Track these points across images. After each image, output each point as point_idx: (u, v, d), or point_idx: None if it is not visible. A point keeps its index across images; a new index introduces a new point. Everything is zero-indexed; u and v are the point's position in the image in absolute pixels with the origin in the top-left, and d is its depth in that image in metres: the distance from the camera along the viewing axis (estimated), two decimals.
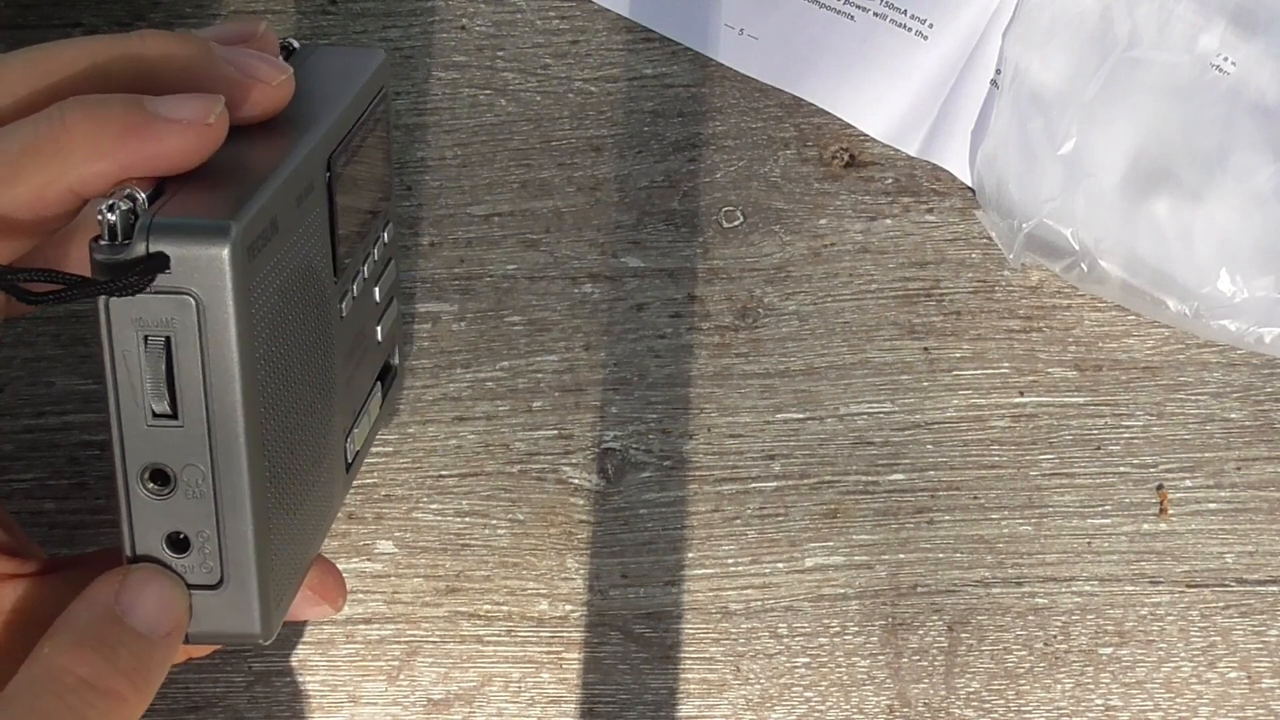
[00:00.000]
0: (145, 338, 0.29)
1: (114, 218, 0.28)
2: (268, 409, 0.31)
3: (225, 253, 0.28)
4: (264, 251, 0.30)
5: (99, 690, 0.29)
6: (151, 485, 0.30)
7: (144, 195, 0.29)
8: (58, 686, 0.29)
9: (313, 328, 0.33)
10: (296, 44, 0.37)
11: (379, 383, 0.41)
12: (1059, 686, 0.48)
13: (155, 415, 0.29)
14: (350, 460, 0.38)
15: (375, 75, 0.38)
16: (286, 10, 0.49)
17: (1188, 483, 0.48)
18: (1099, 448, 0.48)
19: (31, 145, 0.29)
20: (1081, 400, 0.49)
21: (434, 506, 0.48)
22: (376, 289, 0.40)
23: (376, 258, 0.40)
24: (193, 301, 0.28)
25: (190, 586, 0.31)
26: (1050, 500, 0.48)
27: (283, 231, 0.31)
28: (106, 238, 0.28)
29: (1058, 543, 0.48)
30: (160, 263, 0.28)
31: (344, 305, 0.36)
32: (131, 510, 0.30)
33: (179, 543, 0.31)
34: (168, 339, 0.29)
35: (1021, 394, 0.49)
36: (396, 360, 0.43)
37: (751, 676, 0.48)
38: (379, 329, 0.40)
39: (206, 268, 0.28)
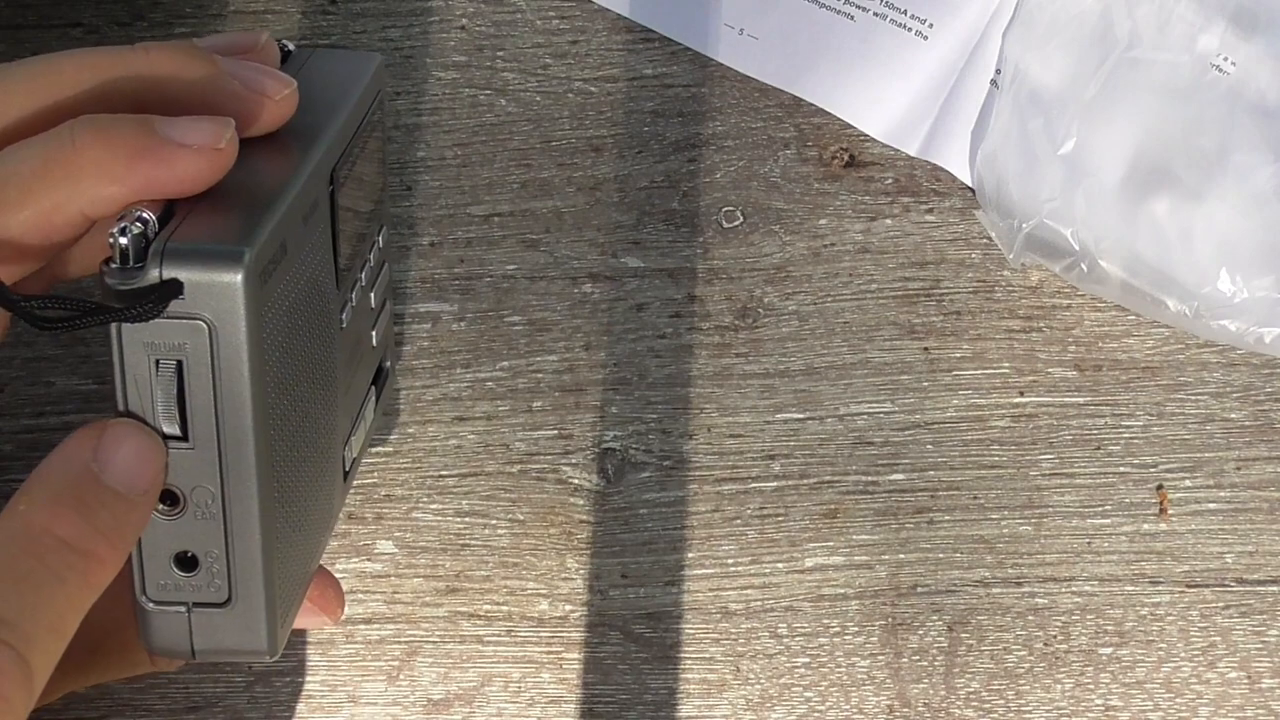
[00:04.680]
0: (157, 361, 0.29)
1: (126, 241, 0.28)
2: (276, 429, 0.31)
3: (239, 279, 0.28)
4: (275, 275, 0.30)
5: (77, 551, 0.28)
6: (161, 505, 0.30)
7: (154, 218, 0.28)
8: (36, 546, 0.28)
9: (318, 343, 0.33)
10: (292, 46, 0.37)
11: (373, 386, 0.41)
12: (1059, 686, 0.48)
13: (165, 437, 0.30)
14: (348, 468, 0.38)
15: (372, 81, 0.38)
16: (287, 10, 0.49)
17: (1188, 483, 0.48)
18: (1099, 448, 0.48)
19: (41, 168, 0.29)
20: (1081, 400, 0.49)
21: (434, 506, 0.48)
22: (372, 294, 0.40)
23: (373, 262, 0.40)
24: (205, 326, 0.28)
25: (197, 605, 0.31)
26: (1050, 500, 0.48)
27: (291, 252, 0.31)
28: (118, 261, 0.28)
29: (1058, 543, 0.48)
30: (174, 289, 0.28)
31: (345, 315, 0.36)
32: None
33: (187, 562, 0.31)
34: (179, 362, 0.29)
35: (1021, 394, 0.49)
36: (389, 363, 0.43)
37: (751, 676, 0.48)
38: (374, 333, 0.40)
39: (220, 293, 0.28)
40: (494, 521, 0.48)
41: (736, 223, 0.49)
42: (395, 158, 0.49)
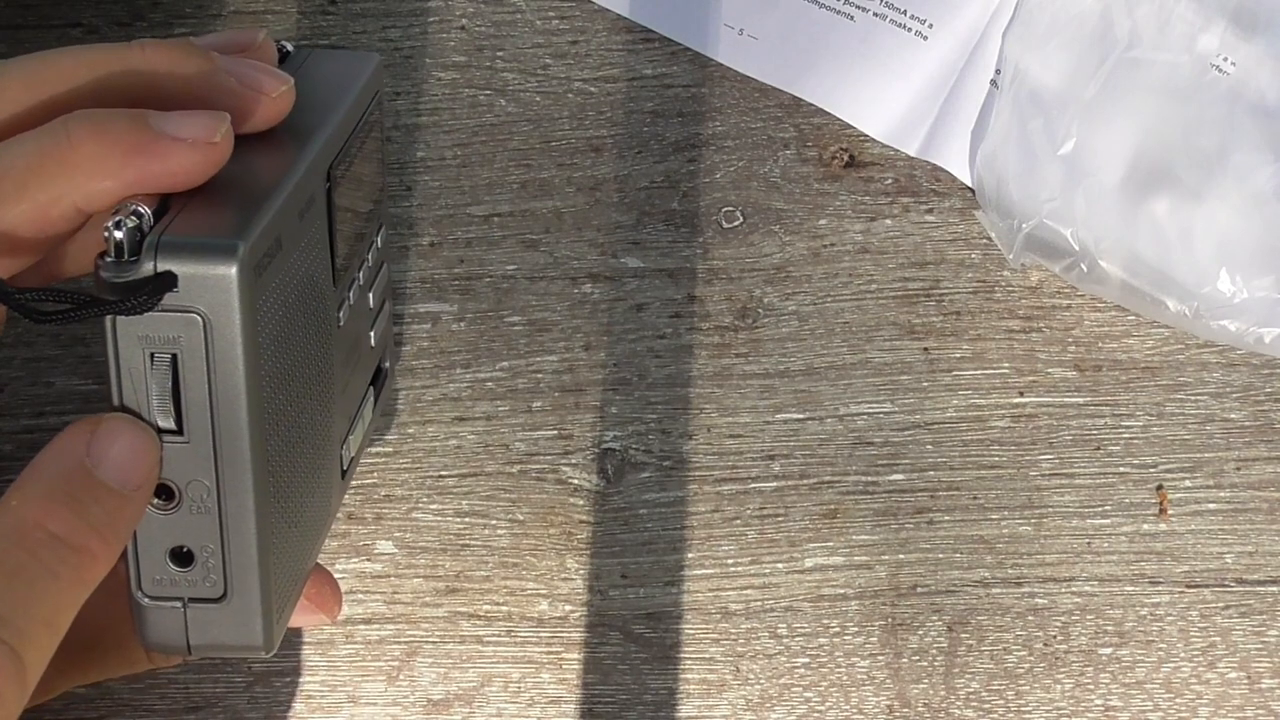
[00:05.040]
0: (151, 355, 0.29)
1: (121, 235, 0.28)
2: (272, 424, 0.31)
3: (233, 272, 0.28)
4: (269, 269, 0.30)
5: (70, 546, 0.28)
6: (156, 500, 0.30)
7: (149, 211, 0.29)
8: (28, 541, 0.28)
9: (314, 339, 0.34)
10: (290, 47, 0.37)
11: (371, 386, 0.41)
12: (1059, 687, 0.48)
13: (160, 431, 0.30)
14: (345, 467, 0.38)
15: (370, 80, 0.38)
16: (287, 10, 0.49)
17: (1188, 483, 0.48)
18: (1099, 448, 0.48)
19: (36, 162, 0.29)
20: (1081, 400, 0.49)
21: (434, 506, 0.48)
22: (371, 294, 0.40)
23: (371, 262, 0.40)
24: (200, 320, 0.28)
25: (193, 600, 0.31)
26: (1050, 500, 0.48)
27: (286, 247, 0.31)
28: (113, 255, 0.28)
29: (1058, 543, 0.48)
30: (168, 282, 0.28)
31: (342, 313, 0.36)
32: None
33: (183, 556, 0.31)
34: (174, 356, 0.29)
35: (1021, 394, 0.49)
36: (387, 363, 0.43)
37: (751, 676, 0.48)
38: (372, 334, 0.41)
39: (214, 287, 0.28)
40: (494, 521, 0.48)
41: (736, 223, 0.49)
42: (395, 158, 0.49)
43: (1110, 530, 0.48)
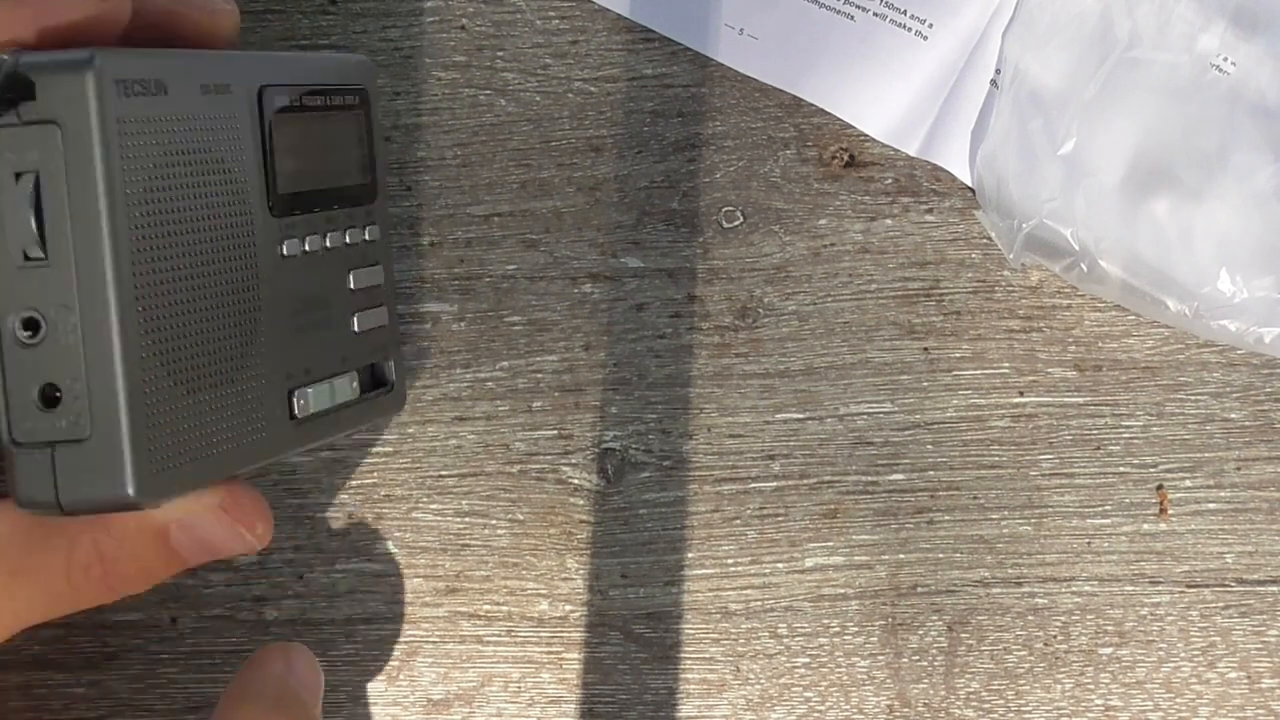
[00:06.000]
0: (16, 175, 0.29)
1: None
2: (144, 259, 0.31)
3: (88, 77, 0.29)
4: (142, 99, 0.30)
5: None
6: (24, 333, 0.30)
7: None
8: None
9: (222, 225, 0.34)
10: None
11: (357, 375, 0.42)
12: (1059, 686, 0.48)
13: (27, 258, 0.30)
14: (299, 415, 0.38)
15: (347, 66, 0.39)
16: (286, 10, 0.49)
17: (1188, 483, 0.48)
18: (1099, 448, 0.48)
19: None
20: (1081, 400, 0.49)
21: (434, 506, 0.48)
22: (351, 275, 0.41)
23: (349, 240, 0.41)
24: (58, 130, 0.29)
25: (60, 443, 0.30)
26: (1050, 500, 0.48)
27: (174, 98, 0.31)
28: None
29: (1058, 543, 0.48)
30: (24, 88, 0.29)
31: (284, 249, 0.37)
32: (5, 364, 0.30)
33: (51, 399, 0.30)
34: (36, 175, 0.29)
35: (1021, 394, 0.49)
36: (393, 376, 0.44)
37: (751, 676, 0.48)
38: (355, 319, 0.41)
39: (69, 92, 0.29)
40: (494, 521, 0.48)
41: (736, 223, 0.49)
42: (395, 158, 0.49)
43: (1110, 530, 0.48)
